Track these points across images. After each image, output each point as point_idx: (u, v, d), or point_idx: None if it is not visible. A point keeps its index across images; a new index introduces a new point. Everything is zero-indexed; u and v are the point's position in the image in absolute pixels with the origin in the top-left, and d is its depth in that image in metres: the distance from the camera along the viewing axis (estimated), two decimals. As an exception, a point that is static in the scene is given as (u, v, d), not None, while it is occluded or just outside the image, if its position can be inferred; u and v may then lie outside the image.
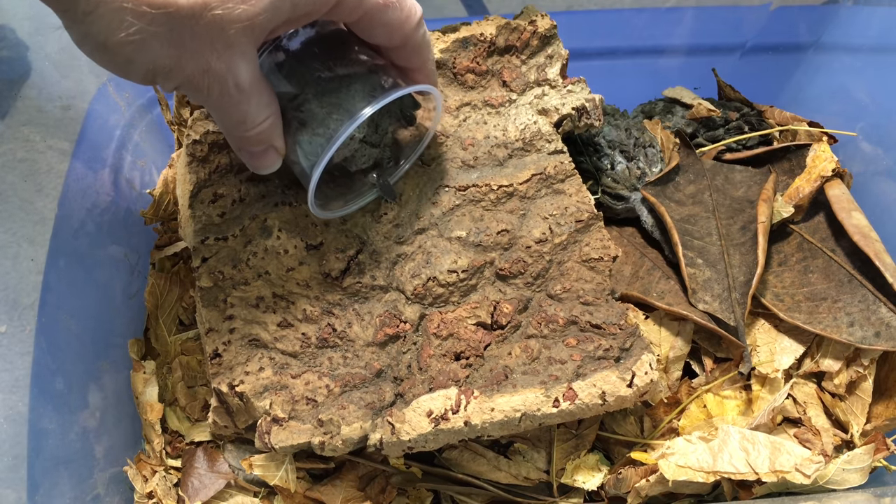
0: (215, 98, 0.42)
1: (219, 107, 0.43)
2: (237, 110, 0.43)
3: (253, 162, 0.48)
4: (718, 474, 0.54)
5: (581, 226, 0.57)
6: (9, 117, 0.57)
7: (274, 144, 0.47)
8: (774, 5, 0.77)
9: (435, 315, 0.55)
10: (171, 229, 0.70)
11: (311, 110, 0.46)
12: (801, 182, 0.66)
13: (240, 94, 0.42)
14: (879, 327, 0.58)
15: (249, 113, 0.44)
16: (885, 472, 0.58)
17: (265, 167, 0.48)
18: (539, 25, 0.60)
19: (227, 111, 0.43)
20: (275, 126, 0.46)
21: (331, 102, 0.46)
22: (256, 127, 0.45)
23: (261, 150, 0.47)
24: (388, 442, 0.50)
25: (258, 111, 0.44)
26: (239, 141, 0.46)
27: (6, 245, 0.55)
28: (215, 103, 0.42)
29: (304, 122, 0.47)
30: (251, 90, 0.43)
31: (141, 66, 0.38)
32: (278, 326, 0.53)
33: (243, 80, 0.42)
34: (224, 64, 0.40)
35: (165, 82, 0.40)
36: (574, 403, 0.50)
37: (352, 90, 0.46)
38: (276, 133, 0.46)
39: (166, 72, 0.39)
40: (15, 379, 0.53)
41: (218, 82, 0.41)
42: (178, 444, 0.63)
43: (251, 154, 0.47)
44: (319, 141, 0.46)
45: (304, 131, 0.47)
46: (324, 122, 0.46)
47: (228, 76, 0.41)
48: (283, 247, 0.55)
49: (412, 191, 0.57)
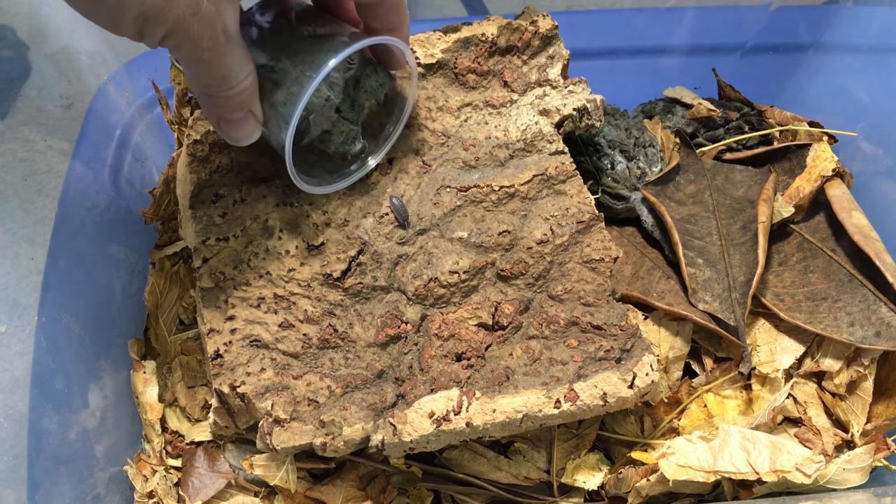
0: (205, 45, 0.40)
1: (206, 59, 0.41)
2: (222, 63, 0.42)
3: (233, 132, 0.47)
4: (719, 474, 0.54)
5: (582, 227, 0.57)
6: (9, 117, 0.57)
7: (253, 110, 0.46)
8: (775, 5, 0.77)
9: (436, 316, 0.55)
10: (171, 229, 0.70)
11: (285, 69, 0.47)
12: (801, 182, 0.66)
13: (228, 42, 0.41)
14: (880, 327, 0.58)
15: (233, 68, 0.43)
16: (886, 471, 0.58)
17: (245, 137, 0.48)
18: (540, 26, 0.60)
19: (212, 64, 0.42)
20: (254, 86, 0.45)
21: (304, 60, 0.47)
22: (238, 85, 0.44)
23: (240, 117, 0.46)
24: (390, 443, 0.50)
25: (240, 67, 0.43)
26: (219, 106, 0.45)
27: (6, 245, 0.55)
28: (204, 53, 0.41)
29: (277, 82, 0.47)
30: (235, 39, 0.42)
31: (131, 7, 0.37)
32: (279, 327, 0.53)
33: (230, 27, 0.41)
34: (214, 6, 0.39)
35: (154, 29, 0.39)
36: (575, 404, 0.50)
37: (323, 48, 0.47)
38: (255, 96, 0.46)
39: (156, 13, 0.38)
40: (15, 379, 0.53)
41: (209, 27, 0.40)
42: (178, 443, 0.63)
43: (230, 123, 0.47)
44: (294, 100, 0.47)
45: (278, 92, 0.47)
46: (297, 79, 0.46)
47: (218, 20, 0.40)
48: (285, 247, 0.55)
49: (413, 191, 0.57)
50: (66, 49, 0.62)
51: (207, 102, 0.46)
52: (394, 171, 0.57)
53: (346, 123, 0.53)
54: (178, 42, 0.40)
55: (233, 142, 0.48)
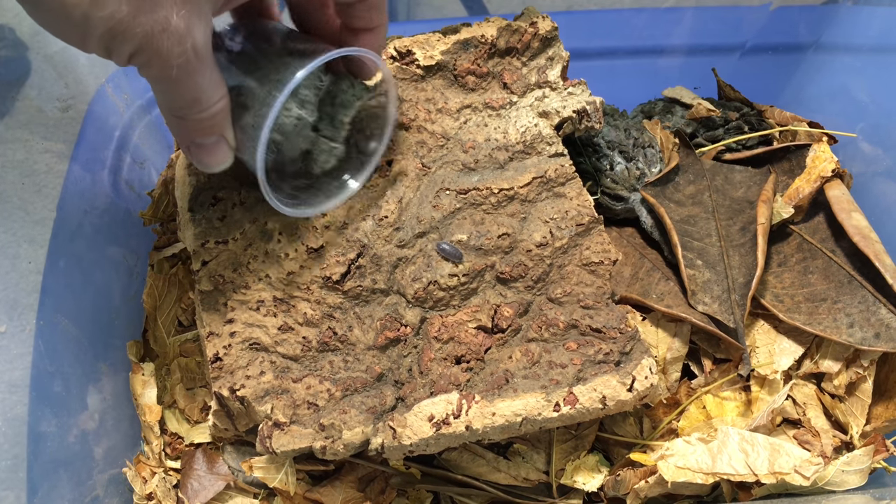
0: (174, 63, 0.39)
1: (175, 77, 0.40)
2: (192, 83, 0.41)
3: (205, 158, 0.46)
4: (718, 476, 0.54)
5: (581, 229, 0.57)
6: (9, 117, 0.57)
7: (225, 135, 0.45)
8: (774, 5, 0.77)
9: (436, 318, 0.55)
10: (169, 230, 0.70)
11: (252, 91, 0.45)
12: (800, 182, 0.66)
13: (198, 60, 0.40)
14: (879, 328, 0.58)
15: (204, 89, 0.41)
16: (885, 473, 0.58)
17: (217, 163, 0.46)
18: (540, 27, 0.60)
19: (182, 84, 0.40)
20: (226, 111, 0.44)
21: (270, 80, 0.45)
22: (211, 108, 0.42)
23: (212, 141, 0.45)
24: (390, 446, 0.50)
25: (212, 89, 0.42)
26: (191, 130, 0.44)
27: (6, 245, 0.55)
28: (173, 72, 0.39)
29: (246, 105, 0.46)
30: (207, 59, 0.41)
31: (98, 23, 0.36)
32: (279, 330, 0.53)
33: (200, 45, 0.40)
34: (184, 22, 0.38)
35: (122, 45, 0.38)
36: (575, 408, 0.50)
37: (290, 67, 0.45)
38: (227, 120, 0.45)
39: (123, 29, 0.37)
40: (14, 380, 0.53)
41: (178, 43, 0.38)
42: (177, 445, 0.63)
43: (202, 148, 0.45)
44: (261, 121, 0.45)
45: (247, 115, 0.46)
46: (265, 100, 0.45)
47: (188, 37, 0.39)
48: (284, 250, 0.54)
49: (413, 193, 0.57)
50: (65, 50, 0.62)
51: (178, 126, 0.44)
52: (393, 173, 0.57)
53: (326, 142, 0.52)
54: (146, 59, 0.39)
55: (204, 168, 0.47)
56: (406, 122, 0.59)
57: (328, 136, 0.52)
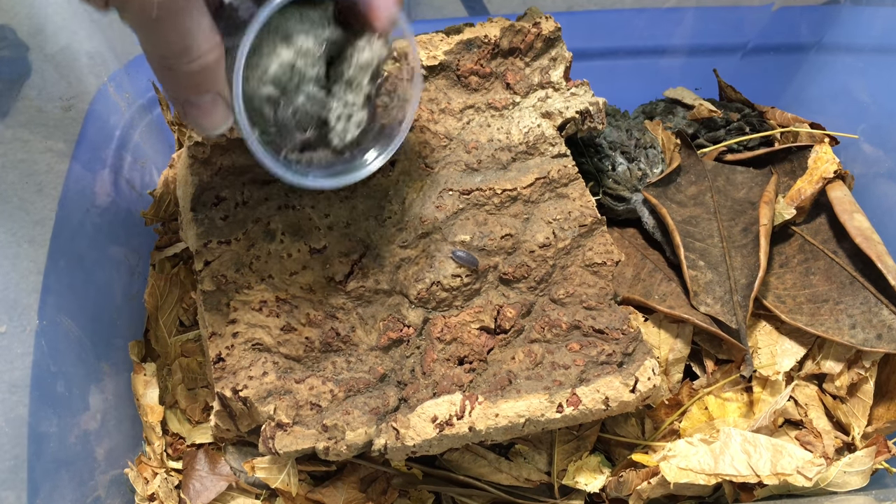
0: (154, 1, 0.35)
1: (159, 21, 0.36)
2: (179, 27, 0.37)
3: (201, 119, 0.42)
4: (720, 477, 0.54)
5: (584, 230, 0.57)
6: (9, 117, 0.57)
7: (221, 92, 0.41)
8: (776, 6, 0.77)
9: (438, 319, 0.54)
10: (171, 230, 0.70)
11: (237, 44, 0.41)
12: (802, 184, 0.66)
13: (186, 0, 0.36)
14: (881, 329, 0.58)
15: (193, 34, 0.37)
16: (887, 474, 0.58)
17: (214, 125, 0.42)
18: (543, 28, 0.59)
19: (166, 25, 0.36)
20: (220, 64, 0.40)
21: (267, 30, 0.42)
22: (202, 57, 0.38)
23: (208, 100, 0.41)
24: (393, 447, 0.50)
25: (203, 36, 0.38)
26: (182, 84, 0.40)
27: (6, 245, 0.55)
28: (154, 10, 0.35)
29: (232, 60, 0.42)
30: (197, 2, 0.37)
31: None
32: (282, 331, 0.53)
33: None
34: None
35: None
36: (578, 409, 0.50)
37: None
38: (222, 76, 0.41)
39: None
40: (15, 380, 0.53)
41: None
42: (178, 445, 0.63)
43: (198, 108, 0.41)
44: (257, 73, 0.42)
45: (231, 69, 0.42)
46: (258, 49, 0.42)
47: None
48: (287, 250, 0.54)
49: (416, 194, 0.57)
50: (66, 49, 0.61)
51: (168, 78, 0.40)
52: (395, 173, 0.57)
53: (341, 107, 0.47)
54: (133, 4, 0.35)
55: (202, 130, 0.43)
56: (409, 122, 0.59)
57: (345, 99, 0.47)
